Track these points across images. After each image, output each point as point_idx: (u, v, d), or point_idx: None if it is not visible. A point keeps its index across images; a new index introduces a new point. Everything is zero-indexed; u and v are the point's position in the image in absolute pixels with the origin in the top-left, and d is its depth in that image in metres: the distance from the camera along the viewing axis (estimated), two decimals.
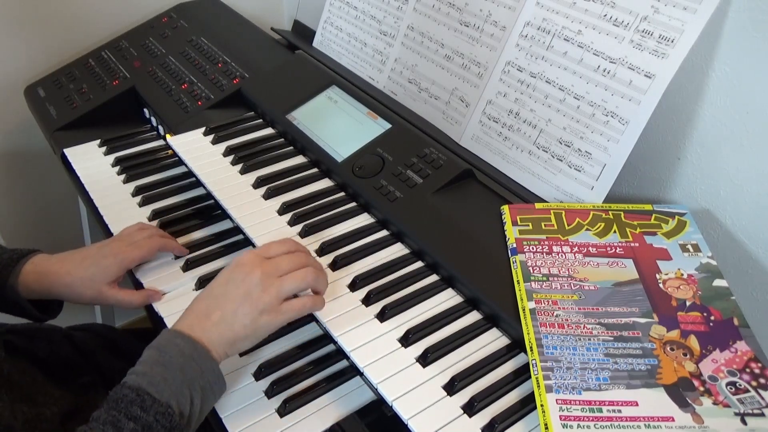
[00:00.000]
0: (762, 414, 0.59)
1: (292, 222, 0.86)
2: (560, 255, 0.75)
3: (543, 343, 0.65)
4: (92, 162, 1.07)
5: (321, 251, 0.82)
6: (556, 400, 0.61)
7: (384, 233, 0.85)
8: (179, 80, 1.16)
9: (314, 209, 0.88)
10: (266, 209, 0.89)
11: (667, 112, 0.82)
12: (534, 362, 0.64)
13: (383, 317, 0.73)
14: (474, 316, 0.74)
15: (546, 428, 0.59)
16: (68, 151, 1.09)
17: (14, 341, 0.82)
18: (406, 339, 0.70)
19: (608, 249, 0.75)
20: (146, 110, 1.18)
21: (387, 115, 0.97)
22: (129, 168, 1.04)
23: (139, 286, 0.84)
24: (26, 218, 1.44)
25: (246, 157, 0.97)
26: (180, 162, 1.03)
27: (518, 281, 0.72)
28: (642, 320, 0.68)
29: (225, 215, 0.94)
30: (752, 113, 0.74)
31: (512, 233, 0.78)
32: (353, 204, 0.90)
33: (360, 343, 0.70)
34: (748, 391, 0.61)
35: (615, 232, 0.77)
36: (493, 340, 0.72)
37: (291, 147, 1.01)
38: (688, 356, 0.64)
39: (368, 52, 1.12)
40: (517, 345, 0.71)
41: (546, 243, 0.76)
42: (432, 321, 0.73)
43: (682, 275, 0.72)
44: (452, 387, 0.65)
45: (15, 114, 1.31)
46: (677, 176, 0.84)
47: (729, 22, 0.73)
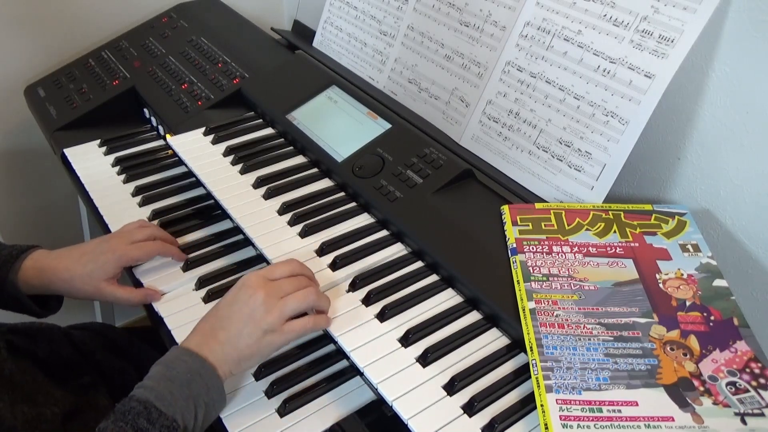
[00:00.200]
0: (762, 414, 0.59)
1: (292, 222, 0.86)
2: (560, 255, 0.75)
3: (543, 343, 0.65)
4: (92, 162, 1.07)
5: (321, 251, 0.82)
6: (556, 400, 0.61)
7: (384, 233, 0.85)
8: (179, 80, 1.16)
9: (314, 209, 0.88)
10: (266, 209, 0.89)
11: (667, 112, 0.82)
12: (534, 362, 0.64)
13: (383, 317, 0.73)
14: (474, 316, 0.74)
15: (546, 428, 0.59)
16: (68, 151, 1.09)
17: (15, 341, 0.82)
18: (406, 339, 0.70)
19: (608, 249, 0.75)
20: (146, 110, 1.18)
21: (387, 115, 0.97)
22: (129, 168, 1.04)
23: (139, 286, 0.84)
24: (26, 218, 1.44)
25: (246, 157, 0.97)
26: (180, 162, 1.03)
27: (518, 281, 0.72)
28: (642, 320, 0.68)
29: (225, 215, 0.94)
30: (752, 113, 0.74)
31: (512, 233, 0.78)
32: (353, 204, 0.90)
33: (360, 343, 0.70)
34: (748, 391, 0.61)
35: (615, 232, 0.77)
36: (493, 340, 0.72)
37: (291, 147, 1.01)
38: (688, 356, 0.64)
39: (368, 52, 1.12)
40: (517, 345, 0.71)
41: (546, 243, 0.76)
42: (432, 321, 0.73)
43: (682, 275, 0.72)
44: (452, 387, 0.65)
45: (15, 114, 1.31)
46: (677, 176, 0.84)
47: (729, 22, 0.73)
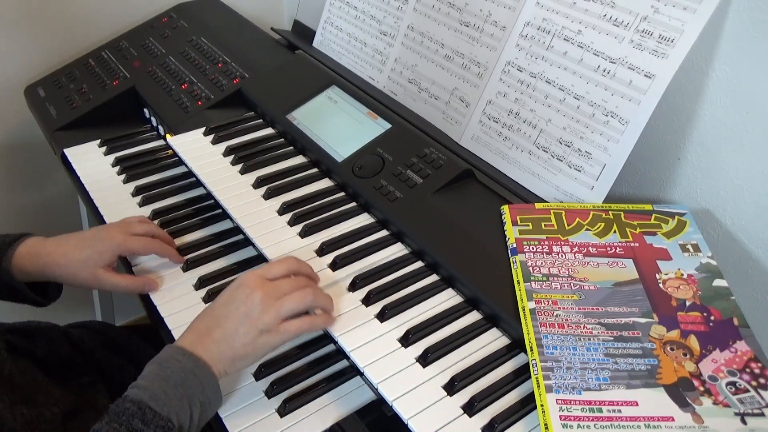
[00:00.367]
0: (762, 414, 0.59)
1: (292, 222, 0.86)
2: (560, 255, 0.75)
3: (543, 343, 0.65)
4: (92, 162, 1.07)
5: (321, 251, 0.82)
6: (556, 400, 0.61)
7: (384, 233, 0.85)
8: (179, 80, 1.16)
9: (314, 209, 0.88)
10: (266, 209, 0.89)
11: (667, 112, 0.82)
12: (534, 362, 0.64)
13: (383, 317, 0.73)
14: (474, 316, 0.74)
15: (546, 428, 0.59)
16: (68, 151, 1.09)
17: (13, 341, 0.82)
18: (406, 339, 0.70)
19: (608, 249, 0.75)
20: (146, 110, 1.18)
21: (387, 115, 0.97)
22: (129, 168, 1.04)
23: None
24: (26, 218, 1.44)
25: (246, 157, 0.97)
26: (180, 162, 1.03)
27: (518, 281, 0.72)
28: (642, 320, 0.68)
29: (225, 215, 0.94)
30: (752, 113, 0.74)
31: (512, 233, 0.78)
32: (353, 204, 0.90)
33: (360, 343, 0.70)
34: (748, 391, 0.61)
35: (615, 232, 0.77)
36: (493, 340, 0.72)
37: (291, 147, 1.01)
38: (688, 356, 0.64)
39: (368, 52, 1.12)
40: (517, 345, 0.71)
41: (546, 243, 0.76)
42: (432, 321, 0.73)
43: (682, 275, 0.72)
44: (452, 387, 0.65)
45: (15, 114, 1.31)
46: (677, 176, 0.84)
47: (729, 22, 0.73)
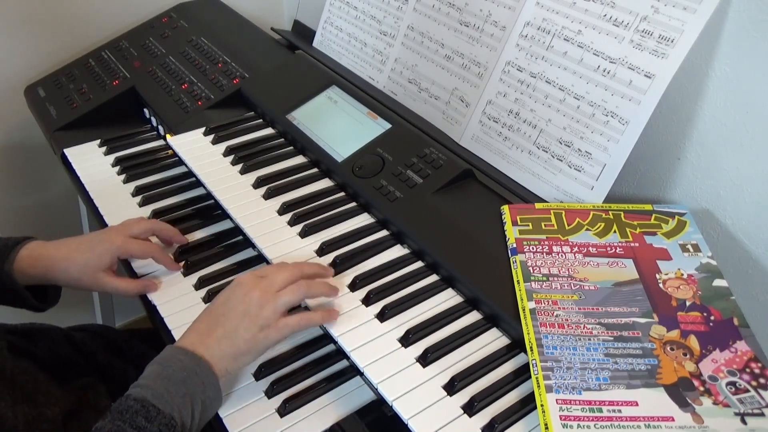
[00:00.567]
0: (762, 414, 0.59)
1: (292, 222, 0.86)
2: (560, 255, 0.75)
3: (543, 343, 0.65)
4: (92, 162, 1.07)
5: (321, 251, 0.82)
6: (556, 400, 0.61)
7: (384, 233, 0.85)
8: (179, 80, 1.16)
9: (314, 209, 0.88)
10: (266, 209, 0.89)
11: (667, 112, 0.82)
12: (534, 362, 0.64)
13: (383, 317, 0.73)
14: (474, 316, 0.74)
15: (546, 428, 0.59)
16: (68, 151, 1.09)
17: (15, 341, 0.82)
18: (406, 339, 0.70)
19: (608, 249, 0.75)
20: (146, 110, 1.18)
21: (387, 115, 0.97)
22: (129, 168, 1.04)
23: None
24: (26, 218, 1.44)
25: (246, 157, 0.97)
26: (180, 162, 1.03)
27: (518, 281, 0.72)
28: (642, 320, 0.68)
29: (225, 215, 0.94)
30: (752, 113, 0.74)
31: (512, 233, 0.78)
32: (353, 204, 0.90)
33: (360, 343, 0.70)
34: (748, 391, 0.61)
35: (615, 232, 0.77)
36: (493, 340, 0.72)
37: (291, 147, 1.01)
38: (688, 356, 0.64)
39: (368, 52, 1.12)
40: (517, 345, 0.71)
41: (546, 243, 0.76)
42: (432, 321, 0.73)
43: (682, 275, 0.72)
44: (452, 387, 0.65)
45: (15, 114, 1.31)
46: (677, 176, 0.84)
47: (729, 22, 0.73)
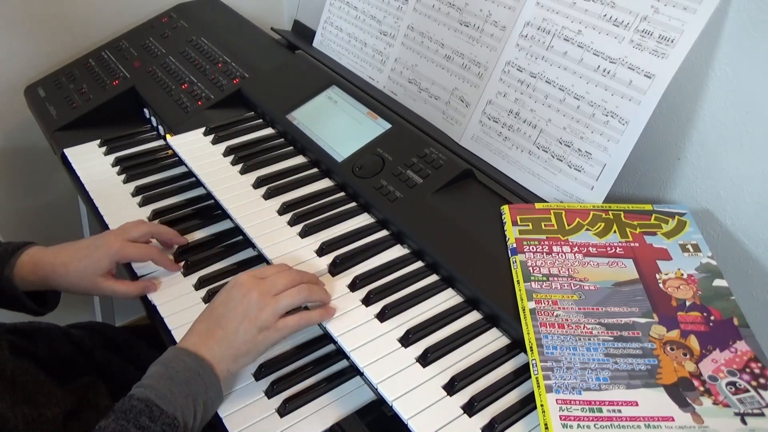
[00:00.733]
0: (762, 414, 0.59)
1: (292, 222, 0.86)
2: (560, 255, 0.75)
3: (543, 343, 0.65)
4: (92, 162, 1.07)
5: (321, 251, 0.82)
6: (556, 400, 0.61)
7: (384, 233, 0.85)
8: (179, 80, 1.16)
9: (314, 209, 0.88)
10: (266, 209, 0.89)
11: (667, 112, 0.82)
12: (534, 362, 0.64)
13: (383, 317, 0.73)
14: (474, 316, 0.74)
15: (546, 428, 0.59)
16: (68, 151, 1.09)
17: (14, 341, 0.82)
18: (406, 339, 0.70)
19: (608, 249, 0.75)
20: (146, 110, 1.18)
21: (387, 115, 0.97)
22: (129, 168, 1.04)
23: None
24: (26, 218, 1.44)
25: (246, 157, 0.97)
26: (180, 162, 1.03)
27: (518, 281, 0.72)
28: (642, 320, 0.68)
29: (225, 215, 0.94)
30: (752, 113, 0.74)
31: (512, 233, 0.78)
32: (353, 204, 0.90)
33: (360, 343, 0.70)
34: (748, 391, 0.61)
35: (615, 232, 0.77)
36: (493, 340, 0.72)
37: (291, 147, 1.01)
38: (688, 356, 0.64)
39: (368, 52, 1.12)
40: (517, 345, 0.71)
41: (546, 243, 0.76)
42: (432, 321, 0.73)
43: (682, 275, 0.72)
44: (452, 387, 0.65)
45: (15, 114, 1.31)
46: (677, 176, 0.84)
47: (729, 22, 0.73)
